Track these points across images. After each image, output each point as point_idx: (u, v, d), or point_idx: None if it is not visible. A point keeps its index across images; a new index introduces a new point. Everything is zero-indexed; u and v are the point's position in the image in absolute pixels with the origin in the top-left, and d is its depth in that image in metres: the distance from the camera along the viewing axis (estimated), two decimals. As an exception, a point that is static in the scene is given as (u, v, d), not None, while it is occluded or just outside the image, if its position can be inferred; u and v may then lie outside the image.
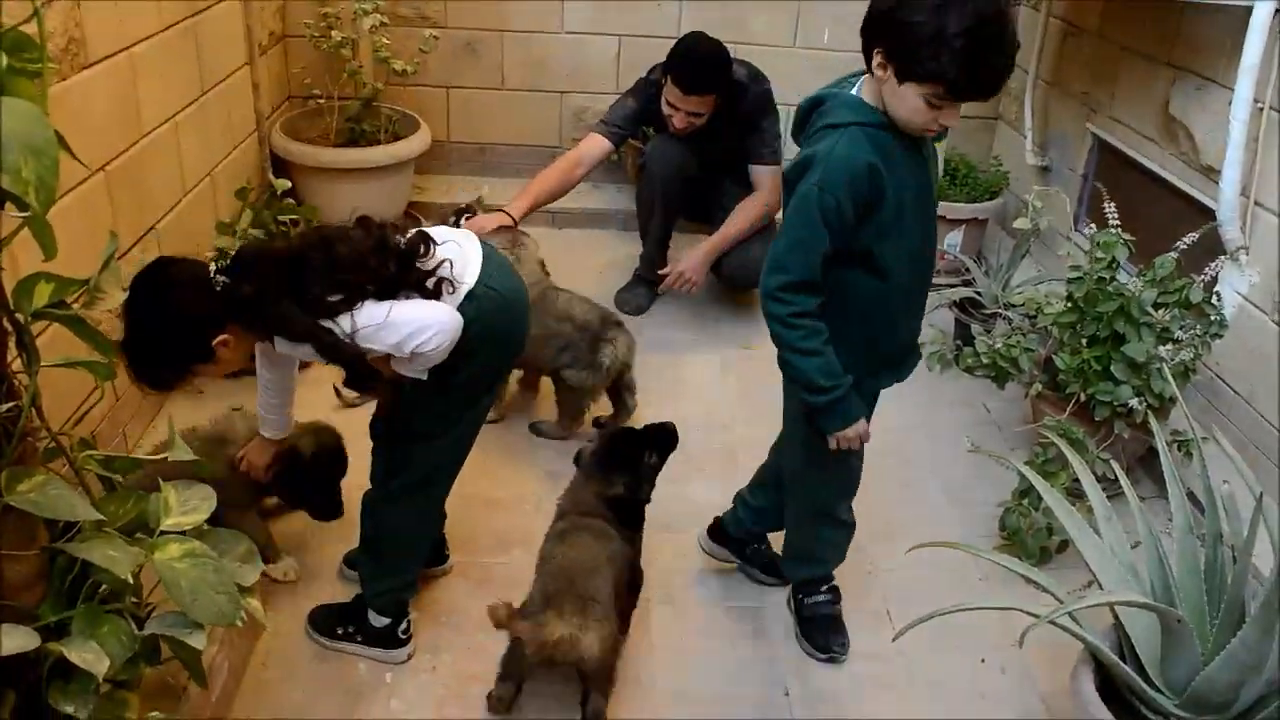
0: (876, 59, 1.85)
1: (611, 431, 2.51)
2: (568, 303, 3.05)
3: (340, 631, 2.31)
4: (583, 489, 2.31)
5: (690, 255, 3.70)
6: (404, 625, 2.29)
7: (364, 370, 1.95)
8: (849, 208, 1.90)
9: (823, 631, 2.42)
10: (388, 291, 1.90)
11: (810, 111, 2.01)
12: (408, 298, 1.92)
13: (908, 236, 2.01)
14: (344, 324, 1.87)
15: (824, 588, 2.46)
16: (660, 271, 3.75)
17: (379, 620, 2.28)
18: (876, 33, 1.84)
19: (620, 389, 3.14)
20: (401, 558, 2.26)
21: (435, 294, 1.94)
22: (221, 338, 1.89)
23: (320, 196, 3.82)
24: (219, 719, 2.11)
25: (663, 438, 2.36)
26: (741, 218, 3.68)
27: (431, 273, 1.95)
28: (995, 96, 1.85)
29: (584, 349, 2.98)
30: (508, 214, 3.25)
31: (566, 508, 2.30)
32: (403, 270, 1.93)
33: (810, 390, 2.03)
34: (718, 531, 2.63)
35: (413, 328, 1.88)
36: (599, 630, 2.03)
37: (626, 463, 2.30)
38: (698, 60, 3.49)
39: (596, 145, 3.57)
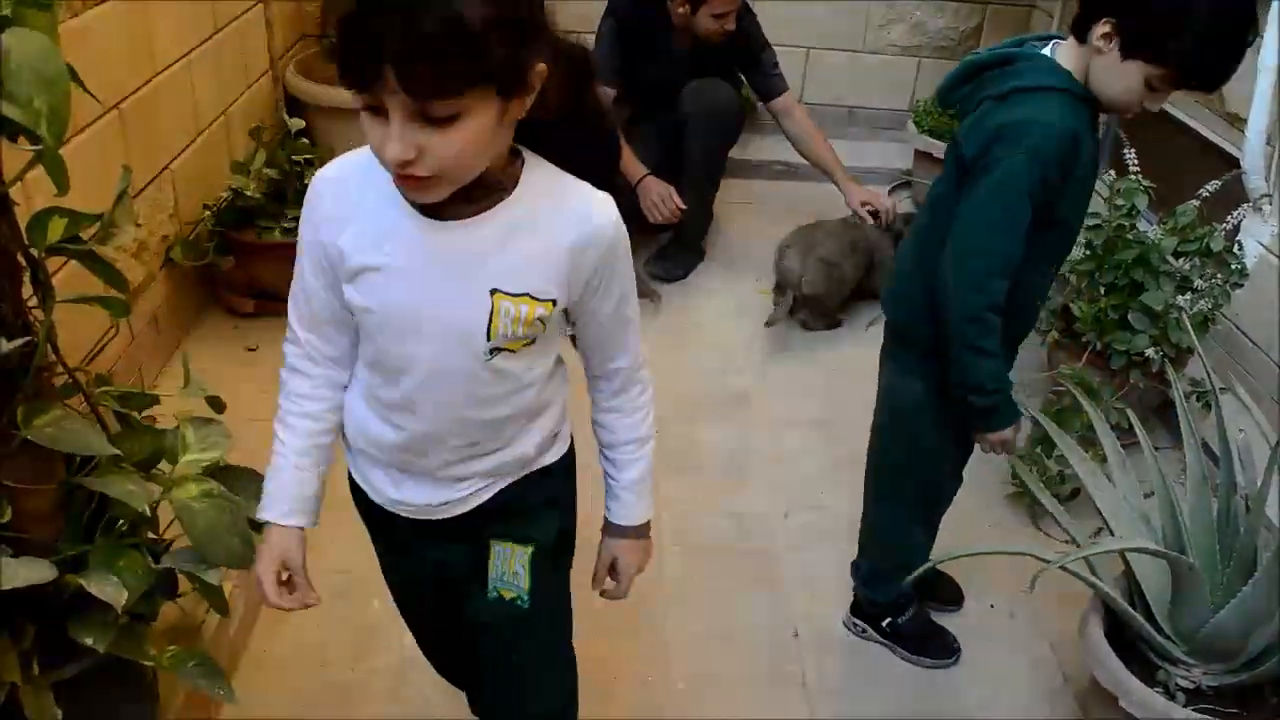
0: (1102, 29, 1.66)
1: None
2: None
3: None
4: None
5: (857, 190, 3.54)
6: None
7: None
8: (1055, 180, 1.73)
9: (936, 640, 2.32)
10: None
11: (981, 70, 1.81)
12: None
13: (1069, 229, 1.89)
14: None
15: (911, 605, 2.30)
16: (864, 209, 3.51)
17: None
18: (1110, 1, 1.67)
19: None
20: None
21: None
22: None
23: (334, 136, 3.78)
24: (236, 652, 2.15)
25: None
26: (827, 148, 3.63)
27: None
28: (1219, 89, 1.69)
29: None
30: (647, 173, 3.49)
31: None
32: None
33: (977, 392, 1.87)
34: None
35: None
36: None
37: None
38: None
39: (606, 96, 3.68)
